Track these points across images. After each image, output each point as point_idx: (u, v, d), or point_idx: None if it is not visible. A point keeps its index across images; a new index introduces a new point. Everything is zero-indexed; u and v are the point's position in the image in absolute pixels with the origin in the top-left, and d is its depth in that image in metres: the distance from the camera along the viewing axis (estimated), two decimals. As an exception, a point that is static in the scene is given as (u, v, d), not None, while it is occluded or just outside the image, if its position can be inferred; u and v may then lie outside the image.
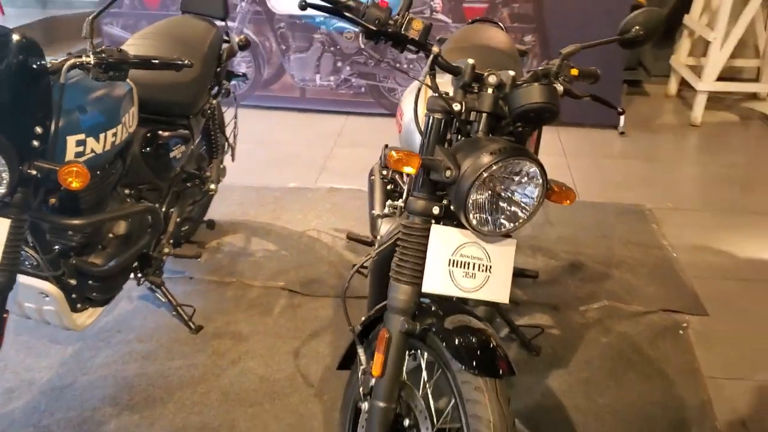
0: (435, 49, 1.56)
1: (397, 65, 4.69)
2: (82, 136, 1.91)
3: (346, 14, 1.56)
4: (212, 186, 2.83)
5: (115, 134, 2.05)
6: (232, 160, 3.14)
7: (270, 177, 3.85)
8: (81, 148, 1.92)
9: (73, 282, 2.14)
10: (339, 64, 4.79)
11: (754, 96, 5.36)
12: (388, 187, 2.70)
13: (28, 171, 1.71)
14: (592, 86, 1.82)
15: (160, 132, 2.45)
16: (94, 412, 2.21)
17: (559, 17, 4.50)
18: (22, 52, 1.63)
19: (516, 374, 1.49)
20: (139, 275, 2.49)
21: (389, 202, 2.32)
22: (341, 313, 2.60)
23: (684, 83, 5.31)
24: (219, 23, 2.91)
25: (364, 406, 1.66)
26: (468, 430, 1.44)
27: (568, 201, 1.63)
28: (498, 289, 1.58)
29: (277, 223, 3.40)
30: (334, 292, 2.85)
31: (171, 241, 2.60)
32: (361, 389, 1.69)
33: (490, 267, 1.58)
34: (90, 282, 2.21)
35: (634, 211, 3.57)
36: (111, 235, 2.27)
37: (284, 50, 4.80)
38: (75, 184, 1.76)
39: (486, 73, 1.56)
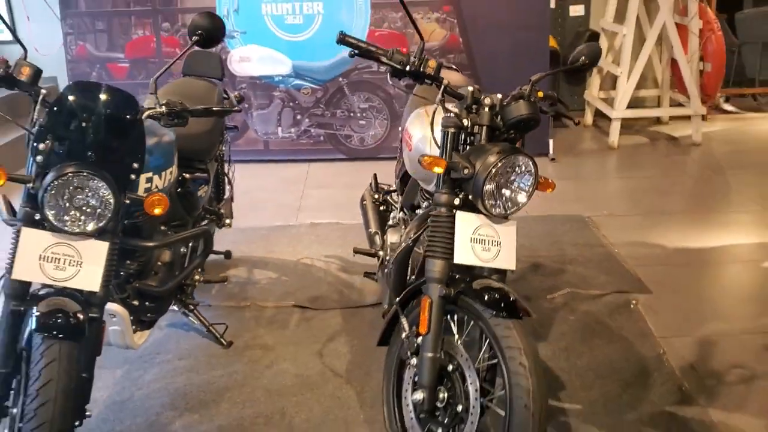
0: (445, 81, 2.08)
1: (351, 114, 5.24)
2: (150, 174, 2.33)
3: (382, 59, 2.06)
4: (227, 221, 3.24)
5: (170, 173, 2.47)
6: (232, 200, 3.56)
7: (253, 219, 4.26)
8: (149, 185, 2.33)
9: (135, 303, 2.51)
10: (298, 117, 5.29)
11: (657, 120, 6.17)
12: (381, 208, 3.19)
13: (125, 201, 2.11)
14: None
15: (187, 175, 2.87)
16: (158, 416, 2.55)
17: (488, 65, 5.15)
18: (126, 105, 2.05)
19: (532, 316, 1.98)
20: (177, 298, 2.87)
21: (394, 215, 2.80)
22: (351, 322, 3.08)
23: (598, 114, 6.06)
24: (217, 82, 3.36)
25: (413, 361, 2.11)
26: (505, 359, 1.91)
27: (550, 189, 2.17)
28: (508, 259, 2.09)
29: (271, 255, 3.81)
30: (339, 305, 3.28)
31: (199, 269, 2.99)
32: (408, 351, 2.13)
33: (500, 242, 2.08)
34: (147, 303, 2.58)
35: (576, 220, 4.17)
36: (159, 263, 2.66)
37: (246, 108, 5.26)
38: (158, 211, 2.16)
39: (483, 96, 2.09)
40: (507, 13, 5.03)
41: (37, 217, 2.04)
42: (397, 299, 2.21)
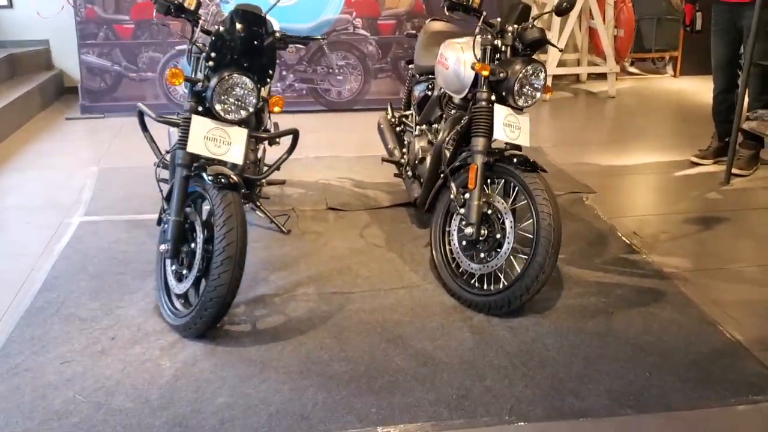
0: (484, 12, 3.02)
1: (330, 70, 6.09)
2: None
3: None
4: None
5: (269, 85, 3.30)
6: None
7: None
8: (263, 92, 3.16)
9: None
10: (284, 72, 6.09)
11: (577, 79, 7.38)
12: (397, 129, 4.11)
13: (261, 99, 2.94)
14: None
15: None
16: (256, 274, 3.36)
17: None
18: (268, 29, 2.87)
19: (546, 171, 2.97)
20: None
21: (420, 127, 3.73)
22: (376, 218, 4.00)
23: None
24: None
25: (462, 210, 3.05)
26: (532, 197, 2.87)
27: (549, 93, 3.16)
28: (526, 138, 3.07)
29: (293, 178, 4.65)
30: (364, 207, 4.18)
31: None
32: (457, 205, 3.08)
33: (521, 127, 3.06)
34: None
35: (531, 149, 5.21)
36: (252, 157, 3.50)
37: (238, 65, 6.01)
38: (277, 109, 3.01)
39: (507, 26, 3.05)
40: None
41: (200, 108, 2.85)
42: (448, 168, 3.14)
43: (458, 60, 3.24)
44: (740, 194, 4.43)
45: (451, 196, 3.13)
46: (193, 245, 2.83)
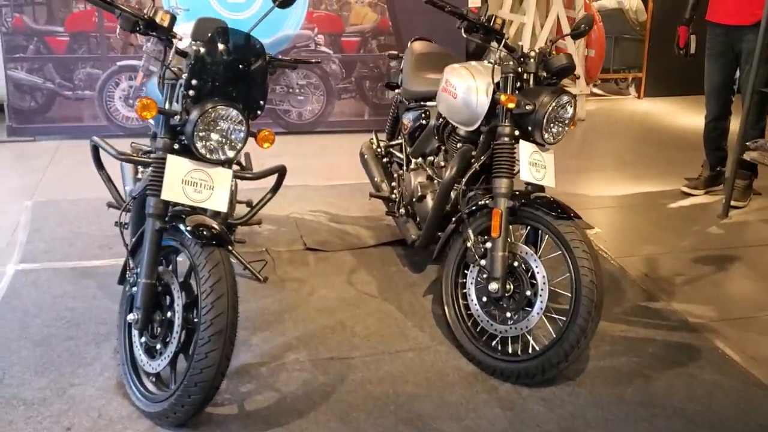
0: (507, 35, 2.63)
1: (290, 90, 5.61)
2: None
3: (461, 16, 2.58)
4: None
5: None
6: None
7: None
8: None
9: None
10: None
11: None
12: (384, 159, 3.68)
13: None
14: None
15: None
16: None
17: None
18: (260, 52, 2.39)
19: (581, 218, 2.58)
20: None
21: (415, 160, 3.30)
22: (361, 259, 3.54)
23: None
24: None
25: (482, 262, 2.64)
26: (569, 249, 2.48)
27: (573, 125, 2.79)
28: (551, 178, 2.68)
29: (261, 212, 4.14)
30: (346, 247, 3.72)
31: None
32: (475, 255, 2.66)
33: (545, 166, 2.67)
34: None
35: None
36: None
37: (189, 83, 5.46)
38: (266, 145, 2.53)
39: (529, 50, 2.66)
40: (429, 1, 5.63)
41: (176, 146, 2.35)
42: (466, 211, 2.72)
43: (469, 88, 2.84)
44: (741, 228, 4.18)
45: (468, 245, 2.72)
46: (169, 313, 2.32)
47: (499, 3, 6.72)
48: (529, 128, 2.63)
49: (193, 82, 2.27)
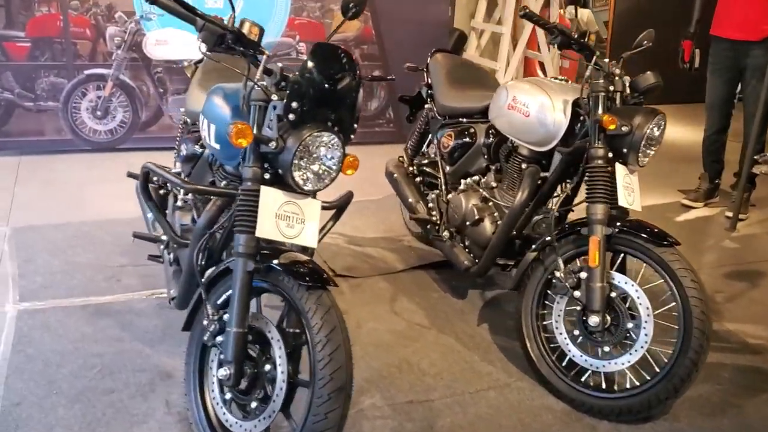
0: (597, 53, 2.48)
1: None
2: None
3: (558, 31, 2.42)
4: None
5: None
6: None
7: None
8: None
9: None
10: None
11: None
12: (417, 179, 3.47)
13: (341, 159, 2.18)
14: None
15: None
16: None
17: (396, 55, 5.53)
18: (356, 70, 2.13)
19: (680, 243, 2.46)
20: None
21: (465, 181, 3.11)
22: (396, 284, 3.31)
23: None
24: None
25: (576, 293, 2.47)
26: (676, 278, 2.35)
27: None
28: (639, 202, 2.55)
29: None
30: (376, 272, 3.48)
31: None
32: (567, 286, 2.49)
33: (634, 189, 2.54)
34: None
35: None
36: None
37: (162, 93, 5.06)
38: (350, 172, 2.25)
39: (616, 70, 2.53)
40: (413, 9, 5.46)
41: (267, 176, 2.06)
42: (556, 237, 2.55)
43: (544, 106, 2.67)
44: (753, 241, 4.20)
45: (557, 275, 2.55)
46: (267, 366, 2.03)
47: (470, 12, 6.62)
48: (624, 150, 2.49)
49: (293, 105, 1.99)
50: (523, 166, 2.86)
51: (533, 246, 2.66)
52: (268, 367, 2.02)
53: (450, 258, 3.17)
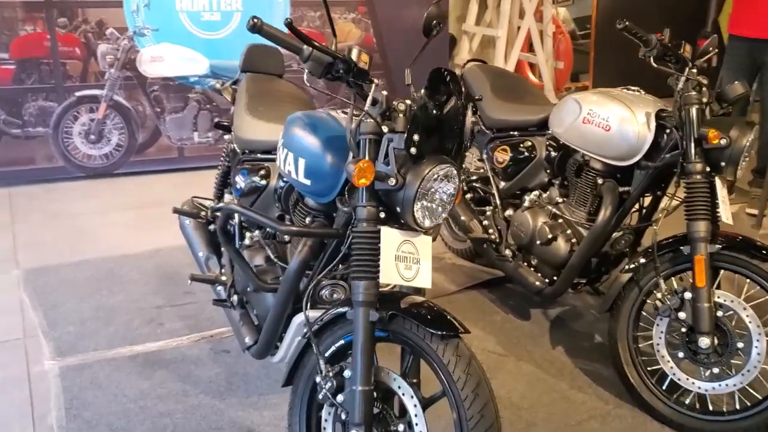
0: (690, 63, 2.38)
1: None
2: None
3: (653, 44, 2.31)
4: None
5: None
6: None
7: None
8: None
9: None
10: (217, 119, 4.94)
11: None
12: (467, 195, 3.32)
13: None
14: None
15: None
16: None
17: (400, 64, 5.37)
18: (462, 92, 1.96)
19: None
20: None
21: (528, 197, 2.97)
22: (457, 305, 3.15)
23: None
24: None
25: (681, 315, 2.36)
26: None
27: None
28: (729, 215, 2.46)
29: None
30: (431, 295, 3.30)
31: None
32: (670, 308, 2.38)
33: (726, 203, 2.44)
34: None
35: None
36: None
37: (159, 112, 4.78)
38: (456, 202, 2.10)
39: (704, 80, 2.43)
40: (412, 16, 5.29)
41: (382, 215, 1.88)
42: (658, 257, 2.42)
43: (627, 119, 2.55)
44: (783, 238, 4.19)
45: (660, 296, 2.43)
46: (401, 426, 1.85)
47: (456, 16, 6.50)
48: (723, 164, 2.39)
49: (415, 137, 1.81)
50: (599, 181, 2.73)
51: (626, 267, 2.54)
52: (401, 427, 1.84)
53: (517, 279, 3.03)
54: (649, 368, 2.51)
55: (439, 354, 1.79)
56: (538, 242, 2.89)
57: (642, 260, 2.49)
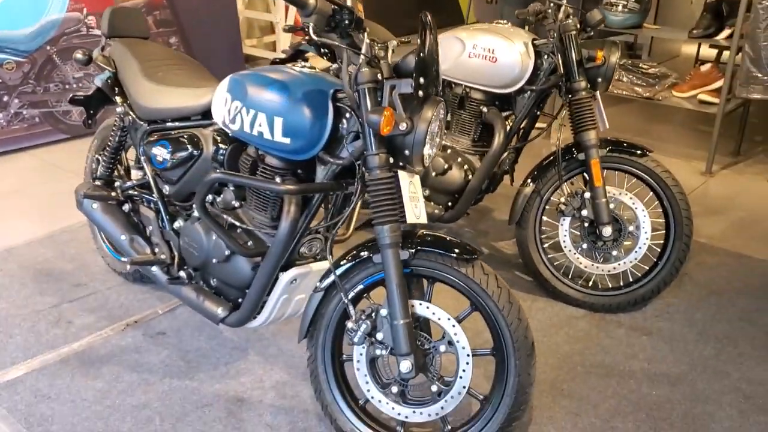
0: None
1: (66, 86, 4.61)
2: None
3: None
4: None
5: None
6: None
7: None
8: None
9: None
10: (5, 98, 4.39)
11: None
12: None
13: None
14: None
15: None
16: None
17: (192, 20, 5.17)
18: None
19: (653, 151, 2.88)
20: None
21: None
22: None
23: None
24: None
25: (584, 213, 2.81)
26: (661, 182, 2.77)
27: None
28: (605, 121, 2.94)
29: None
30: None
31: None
32: (572, 209, 2.82)
33: (601, 110, 2.92)
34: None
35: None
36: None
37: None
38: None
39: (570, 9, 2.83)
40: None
41: (392, 160, 1.99)
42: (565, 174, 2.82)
43: (509, 50, 2.87)
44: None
45: (563, 200, 2.85)
46: (443, 347, 2.02)
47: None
48: (599, 80, 2.82)
49: (421, 80, 1.92)
50: (484, 109, 3.04)
51: (528, 181, 2.92)
52: (443, 347, 2.02)
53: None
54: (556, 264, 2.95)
55: (469, 275, 1.98)
56: (433, 174, 3.13)
57: (541, 174, 2.88)
